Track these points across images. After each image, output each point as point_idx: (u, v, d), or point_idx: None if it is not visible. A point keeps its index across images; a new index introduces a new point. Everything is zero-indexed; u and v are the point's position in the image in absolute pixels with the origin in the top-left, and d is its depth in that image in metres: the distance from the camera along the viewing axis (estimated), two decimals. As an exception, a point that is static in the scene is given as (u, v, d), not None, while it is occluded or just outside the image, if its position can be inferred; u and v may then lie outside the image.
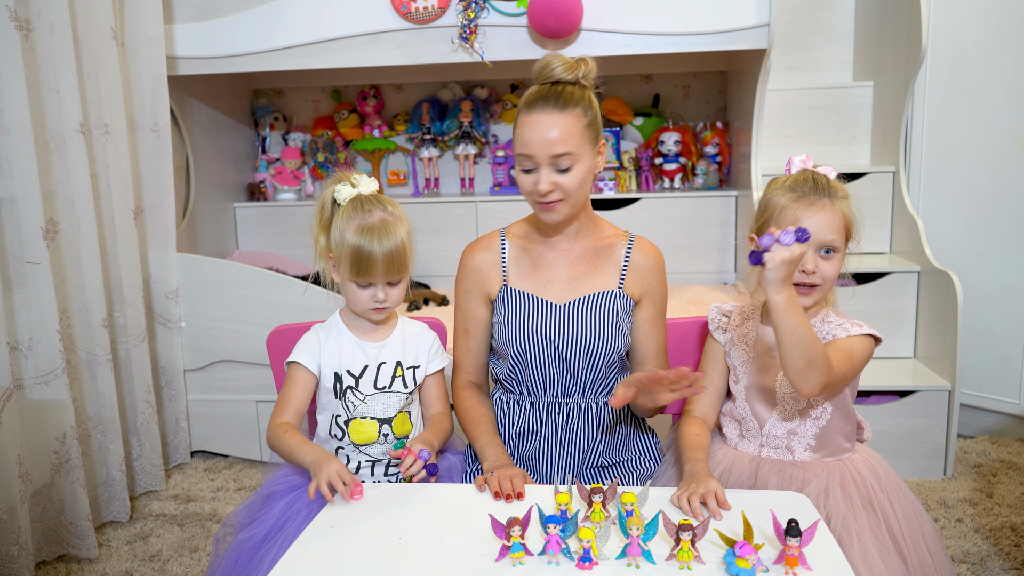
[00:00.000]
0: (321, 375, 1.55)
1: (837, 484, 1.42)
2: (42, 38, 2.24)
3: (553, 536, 1.10)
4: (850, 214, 1.45)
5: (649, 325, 1.65)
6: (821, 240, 1.42)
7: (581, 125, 1.50)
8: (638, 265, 1.63)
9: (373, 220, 1.47)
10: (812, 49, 3.34)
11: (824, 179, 1.46)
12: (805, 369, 1.33)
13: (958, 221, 2.95)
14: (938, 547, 1.42)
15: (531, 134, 1.49)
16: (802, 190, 1.44)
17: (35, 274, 2.17)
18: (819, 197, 1.43)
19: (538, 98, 1.51)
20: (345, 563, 1.14)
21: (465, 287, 1.68)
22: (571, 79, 1.53)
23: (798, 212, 1.43)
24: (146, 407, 2.65)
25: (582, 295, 1.61)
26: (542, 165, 1.50)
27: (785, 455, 1.49)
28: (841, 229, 1.44)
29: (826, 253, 1.44)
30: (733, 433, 1.56)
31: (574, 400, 1.62)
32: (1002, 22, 2.78)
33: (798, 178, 1.47)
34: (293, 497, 1.54)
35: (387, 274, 1.49)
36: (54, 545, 2.27)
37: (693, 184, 3.40)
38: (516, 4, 2.67)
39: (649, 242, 1.67)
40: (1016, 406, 2.85)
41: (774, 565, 1.08)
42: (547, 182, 1.50)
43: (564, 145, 1.48)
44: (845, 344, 1.43)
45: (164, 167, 2.76)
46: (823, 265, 1.44)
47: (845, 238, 1.46)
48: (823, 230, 1.42)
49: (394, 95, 3.66)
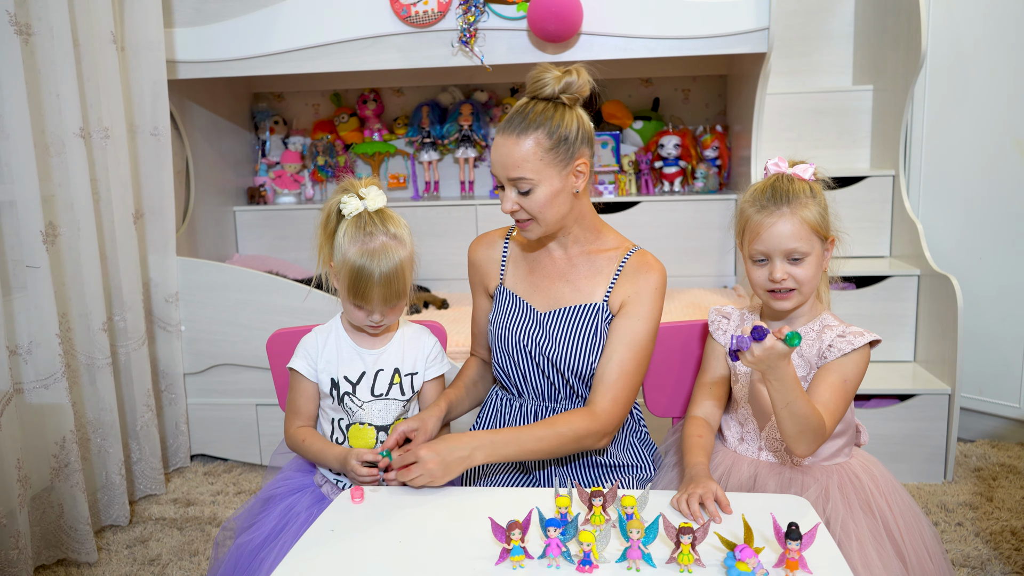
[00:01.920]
0: (318, 380, 1.56)
1: (836, 488, 1.42)
2: (42, 42, 2.24)
3: (553, 539, 1.10)
4: (815, 216, 1.43)
5: (616, 339, 1.53)
6: (784, 248, 1.42)
7: (541, 149, 1.48)
8: (628, 274, 1.57)
9: (374, 245, 1.45)
10: (812, 53, 3.35)
11: (785, 186, 1.44)
12: (797, 436, 1.37)
13: (958, 225, 2.95)
14: (937, 550, 1.42)
15: (494, 155, 1.53)
16: (761, 202, 1.44)
17: (35, 278, 2.17)
18: (777, 207, 1.42)
19: (506, 120, 1.52)
20: (345, 567, 1.14)
21: (470, 279, 1.76)
22: (547, 95, 1.51)
23: (759, 223, 1.43)
24: (146, 411, 2.65)
25: (564, 306, 1.60)
26: (505, 186, 1.53)
27: (784, 458, 1.49)
28: (804, 234, 1.42)
29: (794, 260, 1.43)
30: (733, 436, 1.56)
31: (560, 405, 1.62)
32: (1002, 26, 2.78)
33: (762, 187, 1.47)
34: (293, 500, 1.54)
35: (384, 301, 1.47)
36: (53, 549, 2.27)
37: (693, 188, 3.40)
38: (516, 8, 2.68)
39: (652, 256, 1.60)
40: (1016, 410, 2.85)
41: (774, 568, 1.08)
42: (509, 201, 1.52)
43: (518, 170, 1.48)
44: (838, 375, 1.41)
45: (164, 171, 2.77)
46: (794, 270, 1.43)
47: (820, 237, 1.44)
48: (783, 239, 1.42)
49: (394, 99, 3.67)
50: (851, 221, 3.10)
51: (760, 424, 1.51)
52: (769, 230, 1.42)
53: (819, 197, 1.45)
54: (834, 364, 1.42)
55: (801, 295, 1.45)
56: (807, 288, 1.45)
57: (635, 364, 1.53)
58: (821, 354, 1.45)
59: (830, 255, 1.49)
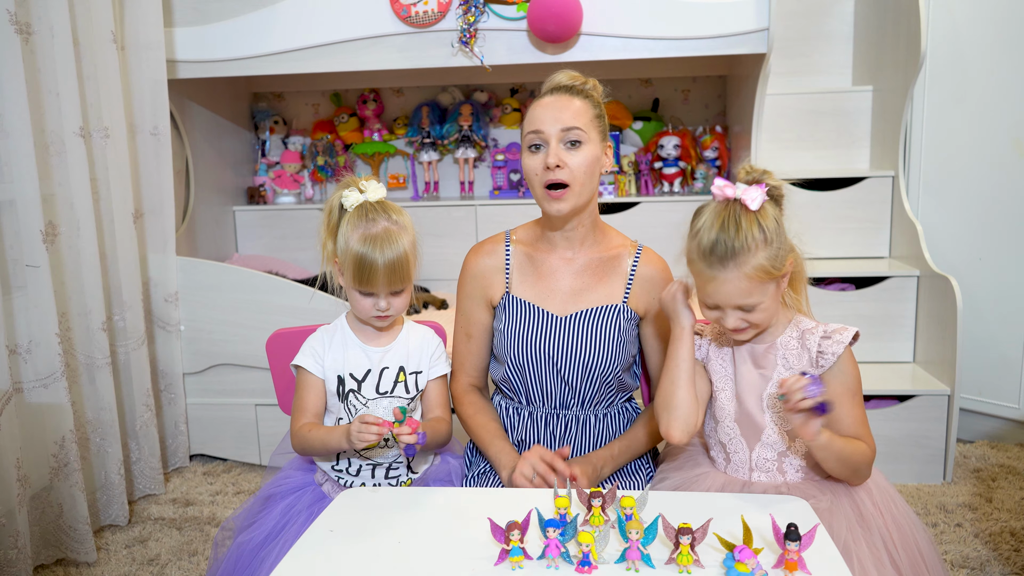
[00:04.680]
0: (325, 378, 1.56)
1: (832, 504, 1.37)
2: (42, 42, 2.24)
3: (552, 540, 1.10)
4: (763, 263, 1.32)
5: (657, 340, 1.63)
6: (732, 304, 1.35)
7: (591, 112, 1.56)
8: (644, 279, 1.61)
9: (377, 230, 1.47)
10: (811, 53, 3.35)
11: (730, 240, 1.32)
12: (852, 476, 1.40)
13: (957, 225, 2.95)
14: (933, 557, 1.40)
15: (543, 113, 1.54)
16: (706, 259, 1.34)
17: (34, 277, 2.17)
18: (723, 265, 1.32)
19: (551, 89, 1.58)
20: (345, 566, 1.14)
21: (468, 291, 1.68)
22: (576, 85, 1.59)
23: (707, 279, 1.35)
24: (145, 411, 2.65)
25: (584, 308, 1.59)
26: (551, 141, 1.51)
27: (776, 477, 1.43)
28: (753, 288, 1.33)
29: (745, 310, 1.36)
30: (720, 457, 1.50)
31: (572, 412, 1.61)
32: (1002, 26, 2.78)
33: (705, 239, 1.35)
34: (293, 499, 1.54)
35: (389, 284, 1.48)
36: (52, 549, 2.27)
37: (692, 188, 3.40)
38: (516, 8, 2.68)
39: (657, 255, 1.65)
40: (1016, 410, 2.85)
41: (773, 569, 1.08)
42: (556, 156, 1.50)
43: (575, 120, 1.52)
44: (844, 391, 1.39)
45: (164, 170, 2.77)
46: (748, 316, 1.37)
47: (772, 278, 1.35)
48: (731, 297, 1.34)
49: (394, 99, 3.67)
50: (850, 222, 3.13)
51: (750, 444, 1.44)
52: (717, 289, 1.35)
53: (769, 228, 1.33)
54: (834, 385, 1.38)
55: (758, 329, 1.41)
56: (765, 324, 1.40)
57: None
58: (814, 362, 1.39)
59: (786, 280, 1.40)
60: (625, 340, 1.59)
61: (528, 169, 1.55)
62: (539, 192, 1.54)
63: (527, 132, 1.55)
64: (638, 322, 1.63)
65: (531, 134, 1.54)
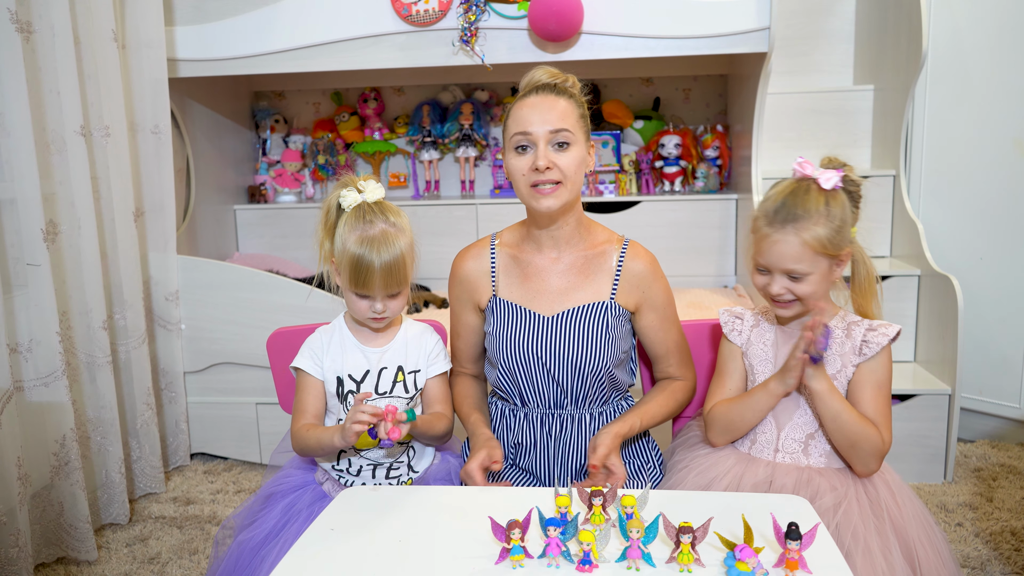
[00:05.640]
0: (324, 379, 1.55)
1: (852, 494, 1.40)
2: (43, 40, 2.24)
3: (553, 539, 1.10)
4: (822, 236, 1.38)
5: (654, 330, 1.64)
6: (783, 267, 1.41)
7: (576, 113, 1.55)
8: (631, 273, 1.60)
9: (374, 232, 1.46)
10: (812, 53, 3.35)
11: (798, 202, 1.40)
12: (851, 450, 1.41)
13: (958, 225, 2.95)
14: (948, 555, 1.41)
15: (529, 114, 1.52)
16: (769, 215, 1.42)
17: (35, 276, 2.17)
18: (783, 225, 1.40)
19: (534, 88, 1.56)
20: (345, 566, 1.14)
21: (456, 295, 1.70)
22: (558, 83, 1.57)
23: (764, 237, 1.42)
24: (146, 409, 2.65)
25: (571, 307, 1.59)
26: (539, 143, 1.51)
27: (801, 460, 1.47)
28: (806, 256, 1.39)
29: (794, 278, 1.42)
30: (746, 437, 1.53)
31: (567, 411, 1.61)
32: (1003, 26, 2.78)
33: (776, 197, 1.43)
34: (293, 498, 1.54)
35: (385, 287, 1.48)
36: (53, 547, 2.27)
37: (693, 187, 3.40)
38: (517, 7, 2.68)
39: (642, 248, 1.65)
40: (1016, 410, 2.85)
41: (774, 568, 1.08)
42: (546, 158, 1.50)
43: (563, 122, 1.51)
44: (873, 383, 1.43)
45: (164, 169, 2.77)
46: (794, 287, 1.42)
47: (827, 255, 1.41)
48: (783, 259, 1.40)
49: (395, 98, 3.67)
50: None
51: (779, 424, 1.49)
52: (771, 247, 1.41)
53: (836, 211, 1.40)
54: (866, 374, 1.43)
55: (800, 305, 1.44)
56: (810, 300, 1.43)
57: (680, 330, 1.69)
58: (857, 350, 1.44)
59: (842, 269, 1.45)
60: (615, 337, 1.58)
61: (514, 169, 1.54)
62: (525, 191, 1.55)
63: (513, 133, 1.53)
64: (629, 318, 1.63)
65: (518, 135, 1.53)
